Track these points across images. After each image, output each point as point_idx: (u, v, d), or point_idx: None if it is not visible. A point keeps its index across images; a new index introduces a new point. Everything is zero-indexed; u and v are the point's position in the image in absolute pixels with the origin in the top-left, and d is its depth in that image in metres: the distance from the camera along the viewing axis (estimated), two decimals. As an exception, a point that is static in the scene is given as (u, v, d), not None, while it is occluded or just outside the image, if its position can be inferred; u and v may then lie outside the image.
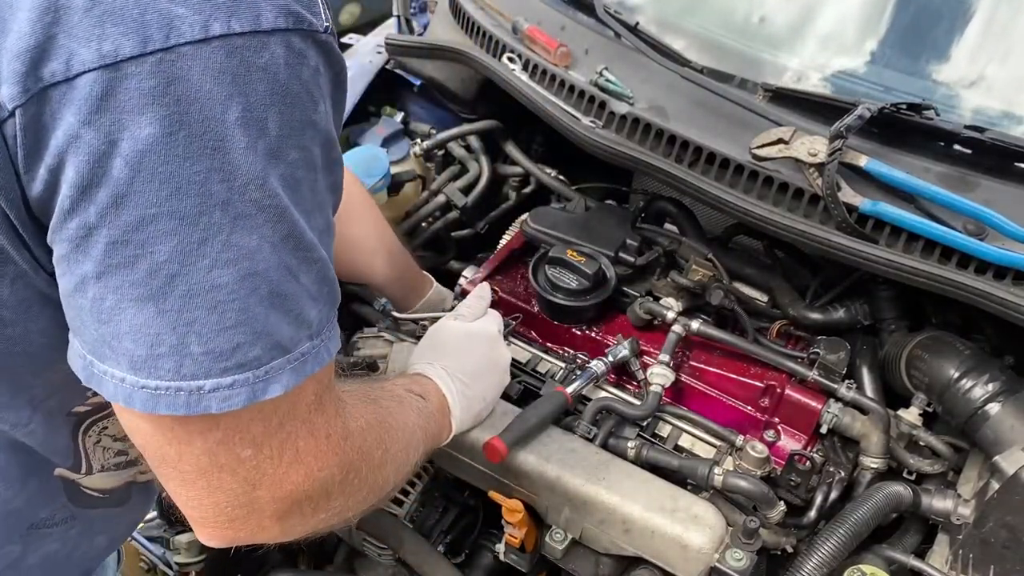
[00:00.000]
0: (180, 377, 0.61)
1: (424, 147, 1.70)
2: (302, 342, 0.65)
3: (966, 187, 1.17)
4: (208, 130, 0.57)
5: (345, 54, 1.91)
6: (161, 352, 0.60)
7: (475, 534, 1.26)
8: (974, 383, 1.13)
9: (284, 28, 0.59)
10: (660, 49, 1.40)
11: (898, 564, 1.08)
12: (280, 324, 0.63)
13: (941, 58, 1.39)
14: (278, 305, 0.62)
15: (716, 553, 1.02)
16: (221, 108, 0.57)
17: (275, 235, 0.61)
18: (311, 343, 0.66)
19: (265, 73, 0.58)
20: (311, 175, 0.64)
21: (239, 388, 0.62)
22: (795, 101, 1.30)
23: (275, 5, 0.59)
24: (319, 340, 0.67)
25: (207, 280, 0.59)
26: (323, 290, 0.67)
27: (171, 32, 0.55)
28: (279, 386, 0.64)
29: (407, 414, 0.94)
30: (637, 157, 1.30)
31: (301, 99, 0.61)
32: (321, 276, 0.66)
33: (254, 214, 0.59)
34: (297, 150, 0.61)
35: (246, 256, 0.60)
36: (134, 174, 0.57)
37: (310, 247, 0.64)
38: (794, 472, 1.15)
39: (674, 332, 1.26)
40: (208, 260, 0.59)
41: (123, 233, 0.58)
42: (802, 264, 1.46)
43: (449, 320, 1.19)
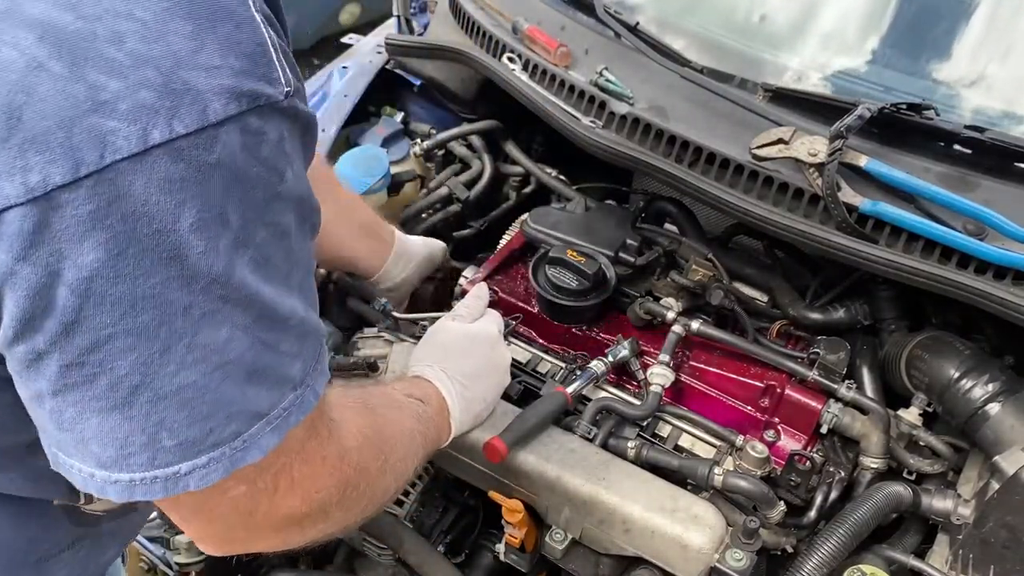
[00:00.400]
0: (154, 467, 0.59)
1: (424, 147, 1.70)
2: (284, 398, 0.63)
3: (966, 187, 1.17)
4: (160, 243, 0.53)
5: (345, 54, 1.92)
6: (131, 451, 0.58)
7: (475, 534, 1.26)
8: (974, 383, 1.13)
9: (237, 113, 0.54)
10: (660, 49, 1.40)
11: (898, 564, 1.08)
12: (259, 395, 0.61)
13: (941, 58, 1.39)
14: (256, 380, 0.60)
15: (716, 553, 1.02)
16: (172, 217, 0.53)
17: (247, 319, 0.58)
18: (295, 394, 0.64)
19: (219, 168, 0.54)
20: (284, 242, 0.61)
21: (216, 464, 0.60)
22: (795, 101, 1.30)
23: (223, 91, 0.54)
24: (304, 387, 0.65)
25: (173, 383, 0.56)
26: (305, 342, 0.65)
27: (105, 150, 0.51)
28: (259, 451, 0.62)
29: (406, 421, 0.93)
30: (637, 157, 1.30)
31: (263, 179, 0.57)
32: (302, 332, 0.64)
33: (221, 308, 0.56)
34: (265, 228, 0.58)
35: (215, 351, 0.57)
36: (82, 301, 0.53)
37: (288, 314, 0.62)
38: (794, 472, 1.15)
39: (674, 332, 1.26)
40: (173, 366, 0.56)
41: (77, 356, 0.55)
42: (802, 264, 1.46)
43: (448, 321, 1.17)
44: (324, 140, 1.63)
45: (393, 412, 0.91)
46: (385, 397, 0.94)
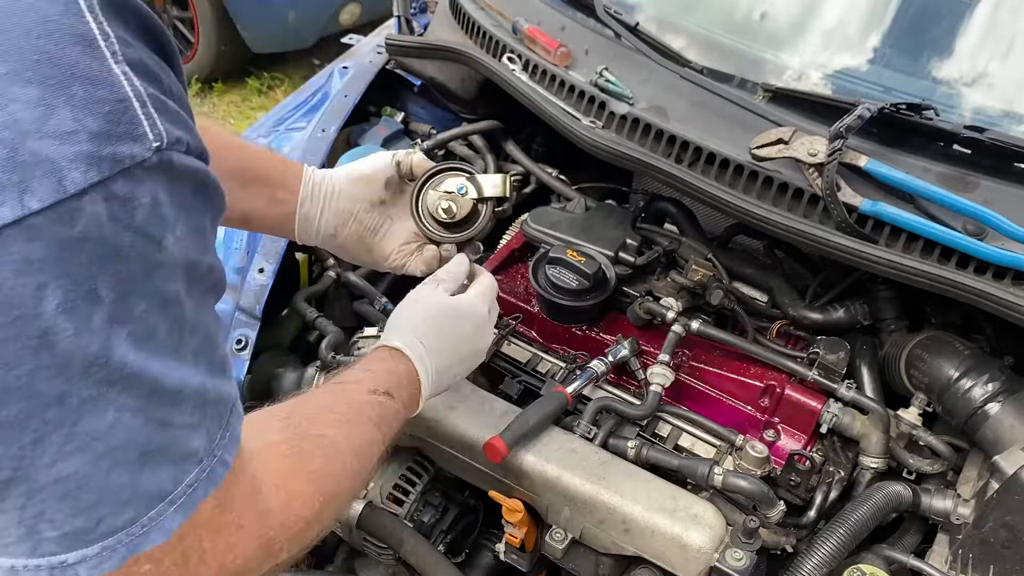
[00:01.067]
0: (37, 556, 0.54)
1: (424, 147, 1.70)
2: (188, 473, 0.58)
3: (966, 187, 1.17)
4: (22, 331, 0.48)
5: (345, 54, 1.92)
6: (8, 542, 0.53)
7: (475, 534, 1.26)
8: (974, 383, 1.14)
9: (99, 180, 0.49)
10: (660, 49, 1.41)
11: (898, 564, 1.08)
12: (157, 476, 0.56)
13: (941, 58, 1.39)
14: (153, 461, 0.56)
15: (716, 553, 1.03)
16: (34, 301, 0.48)
17: (134, 399, 0.53)
18: (199, 467, 0.59)
19: (84, 243, 0.49)
20: (171, 311, 0.56)
21: (110, 552, 0.55)
22: (795, 101, 1.30)
23: (81, 157, 0.48)
24: (211, 459, 0.60)
25: (50, 475, 0.52)
26: (207, 412, 0.60)
27: None
28: (161, 534, 0.57)
29: (361, 435, 0.88)
30: (637, 157, 1.30)
31: (137, 248, 0.52)
32: (201, 402, 0.59)
33: (103, 392, 0.52)
34: (145, 300, 0.53)
35: (99, 438, 0.52)
36: None
37: (180, 386, 0.57)
38: (794, 472, 1.16)
39: (674, 332, 1.26)
40: (48, 457, 0.51)
41: None
42: (802, 264, 1.47)
43: (432, 287, 1.10)
44: (324, 140, 1.63)
45: (345, 431, 0.86)
46: (339, 409, 0.88)
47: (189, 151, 0.55)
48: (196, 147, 0.56)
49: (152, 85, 0.53)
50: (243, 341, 1.35)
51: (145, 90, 0.52)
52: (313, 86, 1.84)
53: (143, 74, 0.52)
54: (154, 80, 0.54)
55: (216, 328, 0.62)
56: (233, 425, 0.64)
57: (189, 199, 0.56)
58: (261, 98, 4.56)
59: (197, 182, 0.57)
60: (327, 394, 0.92)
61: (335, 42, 3.48)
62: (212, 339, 0.61)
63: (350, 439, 0.86)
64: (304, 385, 1.31)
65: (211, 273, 0.61)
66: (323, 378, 1.30)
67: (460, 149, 1.74)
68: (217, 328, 0.63)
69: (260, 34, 4.39)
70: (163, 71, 0.55)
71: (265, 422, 0.79)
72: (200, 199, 0.58)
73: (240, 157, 1.13)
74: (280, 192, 1.15)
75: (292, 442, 0.79)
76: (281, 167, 1.17)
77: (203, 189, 0.58)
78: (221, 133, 1.15)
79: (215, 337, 0.62)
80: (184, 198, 0.55)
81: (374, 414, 0.91)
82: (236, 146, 1.15)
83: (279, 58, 4.73)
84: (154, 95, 0.53)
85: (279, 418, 0.81)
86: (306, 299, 1.45)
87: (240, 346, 1.35)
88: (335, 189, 1.17)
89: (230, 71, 4.59)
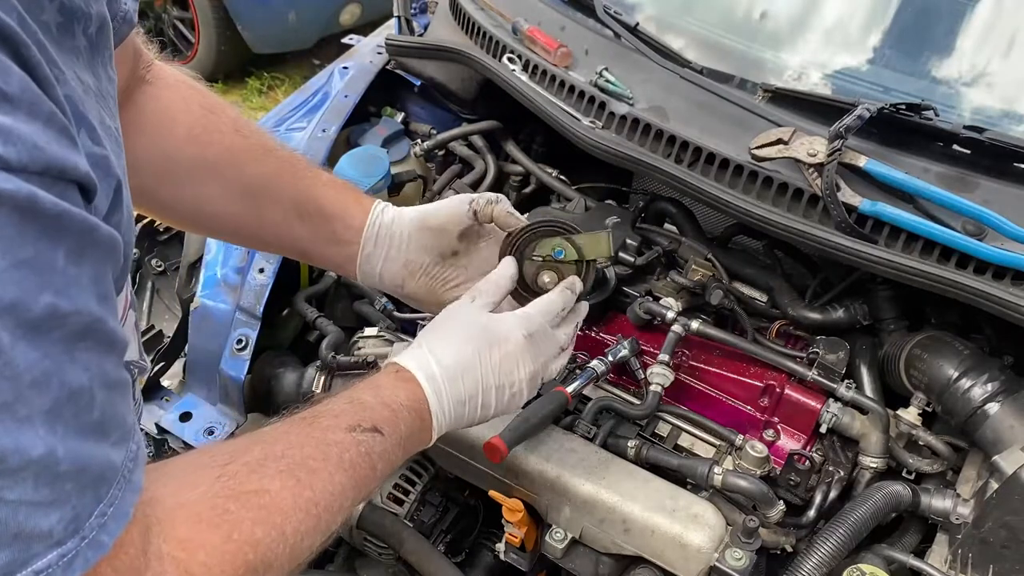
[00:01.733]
0: None
1: (425, 147, 1.70)
2: (36, 558, 0.49)
3: (965, 187, 1.18)
4: None
5: (346, 54, 1.92)
6: None
7: (475, 533, 1.27)
8: (973, 383, 1.14)
9: None
10: (660, 49, 1.41)
11: (897, 563, 1.08)
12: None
13: (940, 58, 1.39)
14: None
15: (716, 552, 1.03)
16: None
17: None
18: (59, 551, 0.50)
19: None
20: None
21: None
22: (794, 101, 1.30)
23: None
24: (77, 539, 0.51)
25: None
26: (64, 485, 0.50)
27: None
28: None
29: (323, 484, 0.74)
30: (637, 157, 1.30)
31: None
32: (52, 475, 0.49)
33: None
34: None
35: None
36: None
37: (8, 453, 0.47)
38: (793, 471, 1.16)
39: (674, 332, 1.26)
40: None
41: None
42: (802, 264, 1.47)
43: (465, 301, 0.98)
44: (324, 140, 1.63)
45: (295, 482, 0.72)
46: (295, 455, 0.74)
47: (7, 167, 0.44)
48: (29, 162, 0.46)
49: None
50: (243, 341, 1.35)
51: None
52: (313, 86, 1.84)
53: None
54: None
55: (89, 384, 0.51)
56: (119, 499, 0.54)
57: (9, 228, 0.45)
58: (261, 98, 4.57)
59: (17, 207, 0.45)
60: (289, 432, 0.77)
61: (335, 42, 3.48)
62: (76, 397, 0.50)
63: (301, 493, 0.72)
64: (304, 385, 1.31)
65: (62, 318, 0.49)
66: (323, 379, 1.30)
67: (460, 149, 1.74)
68: (93, 383, 0.52)
69: (260, 34, 4.39)
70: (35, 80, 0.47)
71: (194, 472, 0.68)
72: (31, 228, 0.46)
73: (298, 187, 1.04)
74: (340, 229, 1.05)
75: (215, 501, 0.66)
76: (344, 200, 1.07)
77: (30, 215, 0.46)
78: (287, 156, 1.06)
79: (83, 395, 0.51)
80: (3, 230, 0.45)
81: (348, 456, 0.77)
82: (297, 173, 1.05)
83: (279, 58, 4.73)
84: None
85: (217, 465, 0.69)
86: (306, 299, 1.45)
87: (240, 346, 1.35)
88: (404, 235, 1.06)
89: (230, 71, 4.59)
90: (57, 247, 0.48)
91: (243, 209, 1.03)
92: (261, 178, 1.02)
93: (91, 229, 0.51)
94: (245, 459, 0.71)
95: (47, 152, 0.47)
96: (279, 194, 1.03)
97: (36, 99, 0.48)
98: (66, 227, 0.49)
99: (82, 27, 0.58)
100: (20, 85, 0.47)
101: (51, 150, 0.47)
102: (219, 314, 1.39)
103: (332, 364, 1.28)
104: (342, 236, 1.06)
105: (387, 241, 1.06)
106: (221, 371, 1.36)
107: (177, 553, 0.61)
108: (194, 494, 0.66)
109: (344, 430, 0.79)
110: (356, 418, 0.81)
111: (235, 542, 0.65)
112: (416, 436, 0.87)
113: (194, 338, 1.40)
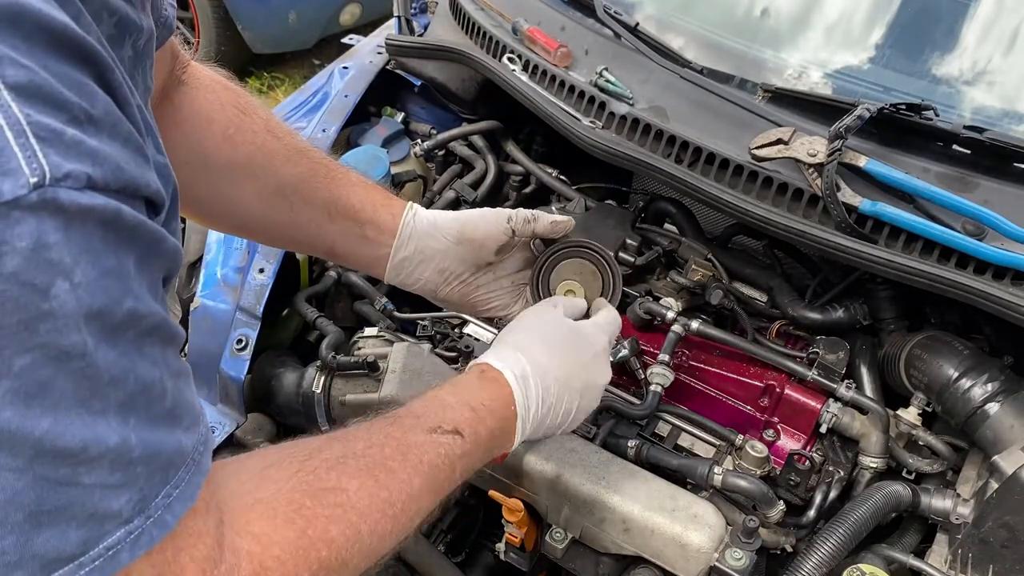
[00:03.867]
0: None
1: (425, 147, 1.70)
2: (107, 535, 0.53)
3: (965, 187, 1.18)
4: None
5: (346, 54, 1.92)
6: None
7: (475, 533, 1.27)
8: (973, 383, 1.14)
9: None
10: (660, 49, 1.41)
11: (897, 563, 1.09)
12: (59, 538, 0.52)
13: (941, 57, 1.39)
14: (50, 523, 0.51)
15: (716, 552, 1.03)
16: None
17: (16, 460, 0.49)
18: (126, 528, 0.54)
19: None
20: (72, 364, 0.51)
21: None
22: (794, 101, 1.30)
23: None
24: (143, 519, 0.55)
25: None
26: (134, 470, 0.54)
27: None
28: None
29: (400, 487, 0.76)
30: (637, 157, 1.30)
31: (10, 298, 0.47)
32: (124, 460, 0.54)
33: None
34: (26, 353, 0.48)
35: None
36: None
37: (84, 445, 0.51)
38: (793, 471, 1.16)
39: (674, 332, 1.26)
40: None
41: None
42: (802, 264, 1.47)
43: (548, 307, 1.02)
44: (325, 140, 1.63)
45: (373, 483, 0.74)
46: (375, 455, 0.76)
47: (93, 186, 0.49)
48: (111, 181, 0.50)
49: (46, 111, 0.47)
50: (243, 341, 1.35)
51: (28, 117, 0.46)
52: (313, 86, 1.85)
53: (33, 98, 0.47)
54: (54, 105, 0.48)
55: (160, 376, 0.56)
56: (186, 482, 0.58)
57: (96, 241, 0.50)
58: (261, 98, 4.56)
59: (103, 221, 0.50)
60: (371, 430, 0.79)
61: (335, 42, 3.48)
62: (149, 390, 0.55)
63: (378, 493, 0.74)
64: (304, 385, 1.31)
65: (138, 319, 0.54)
66: (323, 379, 1.30)
67: (460, 149, 1.74)
68: (163, 376, 0.56)
69: (261, 34, 4.39)
70: (82, 94, 0.50)
71: (272, 468, 0.71)
72: (112, 239, 0.51)
73: (330, 188, 1.06)
74: (372, 231, 1.07)
75: (292, 496, 0.68)
76: (375, 201, 1.08)
77: (113, 228, 0.51)
78: (318, 157, 1.07)
79: (155, 387, 0.56)
80: (88, 240, 0.49)
81: (427, 459, 0.78)
82: (329, 175, 1.06)
83: (279, 58, 4.73)
84: (41, 123, 0.47)
85: (296, 461, 0.72)
86: (307, 299, 1.45)
87: (240, 346, 1.35)
88: (440, 246, 1.08)
89: (230, 71, 4.59)
90: (130, 255, 0.53)
91: (275, 209, 1.05)
92: (293, 178, 1.04)
93: (160, 240, 0.55)
94: (324, 455, 0.73)
95: (127, 171, 0.51)
96: (311, 195, 1.05)
97: (117, 120, 0.52)
98: (140, 237, 0.53)
99: (132, 39, 0.60)
100: (104, 108, 0.51)
101: (129, 169, 0.52)
102: (219, 314, 1.39)
103: (332, 364, 1.28)
104: (374, 238, 1.07)
105: (422, 249, 1.08)
106: (221, 371, 1.36)
107: (252, 547, 0.63)
108: (270, 489, 0.68)
109: (425, 431, 0.80)
110: (437, 419, 0.81)
111: (309, 538, 0.67)
112: (498, 439, 0.88)
113: (194, 338, 1.40)
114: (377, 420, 0.81)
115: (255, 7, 4.26)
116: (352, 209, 1.06)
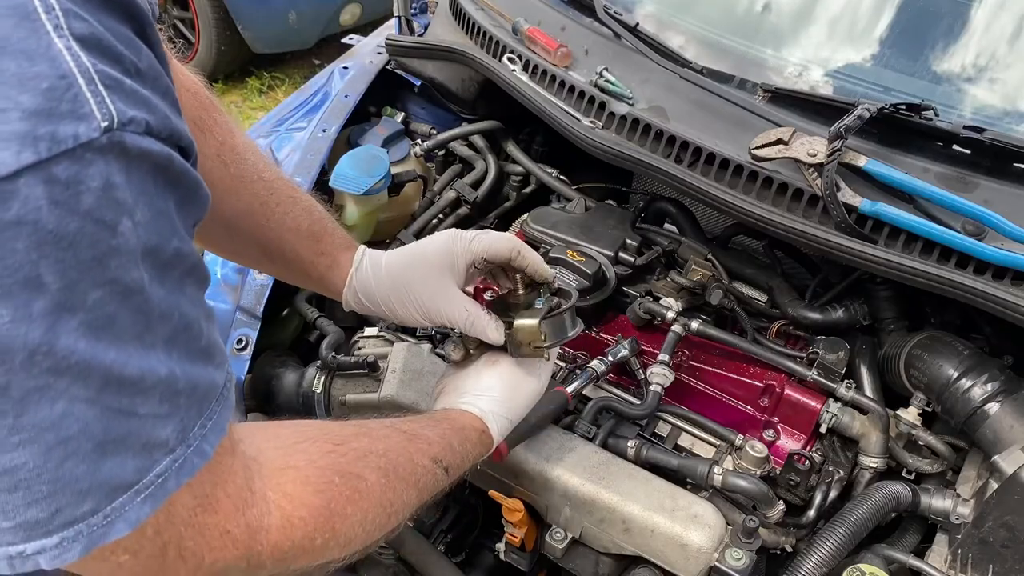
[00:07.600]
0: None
1: (425, 147, 1.70)
2: (156, 463, 0.57)
3: (965, 187, 1.18)
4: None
5: (346, 54, 1.92)
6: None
7: (475, 533, 1.27)
8: (973, 383, 1.14)
9: (35, 162, 0.47)
10: (660, 49, 1.41)
11: (897, 563, 1.09)
12: (120, 466, 0.55)
13: (941, 57, 1.39)
14: (114, 451, 0.54)
15: (716, 552, 1.03)
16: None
17: (88, 389, 0.52)
18: (170, 457, 0.58)
19: (21, 227, 0.47)
20: (133, 300, 0.53)
21: (71, 543, 0.54)
22: (794, 101, 1.30)
23: (14, 137, 0.46)
24: (185, 448, 0.59)
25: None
26: (179, 401, 0.58)
27: None
28: (126, 524, 0.56)
29: (401, 494, 0.84)
30: (637, 158, 1.30)
31: (86, 234, 0.49)
32: (171, 391, 0.57)
33: (51, 382, 0.50)
34: (98, 288, 0.51)
35: (48, 429, 0.51)
36: None
37: (143, 375, 0.55)
38: (793, 471, 1.16)
39: (674, 332, 1.26)
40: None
41: None
42: (802, 264, 1.47)
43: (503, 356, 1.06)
44: (325, 140, 1.63)
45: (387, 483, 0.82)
46: (395, 460, 0.84)
47: (150, 132, 0.52)
48: (162, 128, 0.53)
49: (106, 62, 0.50)
50: (243, 341, 1.35)
51: (94, 66, 0.49)
52: (313, 86, 1.85)
53: (95, 49, 0.50)
54: (111, 56, 0.51)
55: (198, 314, 0.60)
56: (218, 415, 0.62)
57: (150, 183, 0.53)
58: (262, 98, 4.56)
59: (157, 165, 0.54)
60: (390, 438, 0.87)
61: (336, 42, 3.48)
62: (190, 326, 0.59)
63: (385, 493, 0.81)
64: (304, 385, 1.31)
65: (182, 259, 0.58)
66: (323, 379, 1.30)
67: (460, 149, 1.74)
68: (200, 314, 0.60)
69: (261, 34, 4.39)
70: (131, 48, 0.53)
71: (305, 442, 0.77)
72: (162, 182, 0.55)
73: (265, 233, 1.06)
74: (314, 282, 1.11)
75: (324, 472, 0.75)
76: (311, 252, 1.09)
77: (164, 173, 0.55)
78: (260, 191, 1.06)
79: (194, 324, 0.59)
80: (144, 182, 0.53)
81: (423, 481, 0.88)
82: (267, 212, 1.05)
83: (280, 58, 4.73)
84: (105, 72, 0.50)
85: (330, 442, 0.78)
86: (307, 299, 1.46)
87: (240, 346, 1.35)
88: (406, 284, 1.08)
89: (231, 71, 4.59)
90: (173, 198, 0.57)
91: (217, 235, 1.07)
92: (234, 212, 1.03)
93: (198, 186, 0.59)
94: (354, 445, 0.81)
95: (172, 121, 0.55)
96: (249, 232, 1.06)
97: (159, 74, 0.55)
98: (183, 183, 0.57)
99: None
100: (148, 62, 0.54)
101: (173, 120, 0.55)
102: (219, 314, 1.39)
103: (332, 364, 1.28)
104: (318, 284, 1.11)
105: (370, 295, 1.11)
106: (221, 371, 1.35)
107: (282, 503, 0.70)
108: (303, 459, 0.75)
109: (430, 458, 0.90)
110: (440, 453, 0.91)
111: (331, 510, 0.74)
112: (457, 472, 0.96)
113: (194, 338, 1.40)
114: (396, 430, 0.89)
115: (255, 7, 4.26)
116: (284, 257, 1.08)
